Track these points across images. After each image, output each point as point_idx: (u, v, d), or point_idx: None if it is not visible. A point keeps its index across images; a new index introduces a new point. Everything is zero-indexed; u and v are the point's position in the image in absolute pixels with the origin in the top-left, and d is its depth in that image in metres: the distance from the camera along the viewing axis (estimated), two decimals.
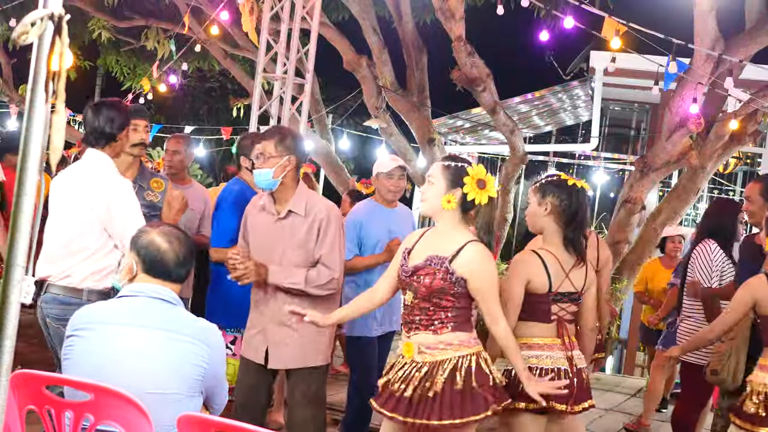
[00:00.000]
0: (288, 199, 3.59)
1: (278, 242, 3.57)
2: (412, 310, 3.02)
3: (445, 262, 2.94)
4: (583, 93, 12.17)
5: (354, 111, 12.91)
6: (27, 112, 1.46)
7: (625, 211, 7.66)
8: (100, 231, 3.45)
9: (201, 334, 2.56)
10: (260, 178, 3.56)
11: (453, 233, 3.02)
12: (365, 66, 9.17)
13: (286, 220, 3.57)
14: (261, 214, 3.65)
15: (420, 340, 3.00)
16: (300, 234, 3.56)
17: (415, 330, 3.02)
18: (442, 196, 3.00)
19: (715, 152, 7.44)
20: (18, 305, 1.48)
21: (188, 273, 2.67)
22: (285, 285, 3.52)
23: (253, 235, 3.68)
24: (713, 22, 6.47)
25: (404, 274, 3.04)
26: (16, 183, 1.46)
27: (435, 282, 2.94)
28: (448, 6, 7.61)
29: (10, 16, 10.34)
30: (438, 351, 2.97)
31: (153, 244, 2.60)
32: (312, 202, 3.62)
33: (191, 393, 2.53)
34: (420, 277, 2.97)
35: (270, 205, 3.62)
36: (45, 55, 1.44)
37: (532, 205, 3.34)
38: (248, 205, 3.79)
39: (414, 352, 3.00)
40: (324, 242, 3.56)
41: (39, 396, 2.38)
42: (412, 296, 3.02)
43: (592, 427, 6.19)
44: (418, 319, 3.01)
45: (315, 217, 3.56)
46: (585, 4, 6.08)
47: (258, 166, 3.56)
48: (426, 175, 3.10)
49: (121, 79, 14.11)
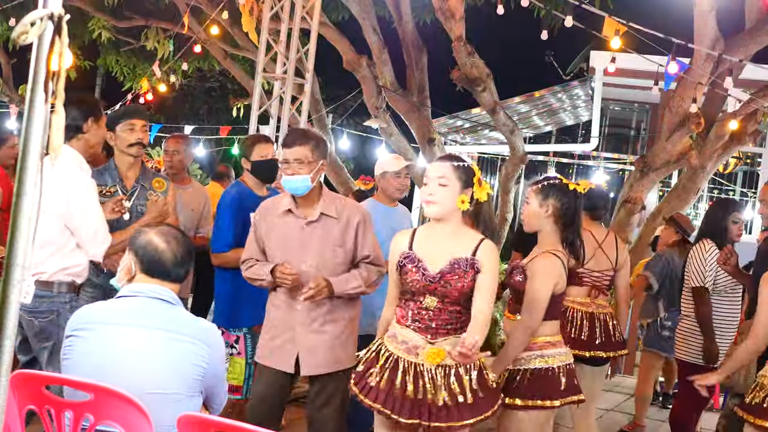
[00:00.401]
0: (315, 203, 3.58)
1: (311, 245, 3.55)
2: (439, 314, 2.98)
3: (475, 262, 2.96)
4: (583, 93, 12.17)
5: (354, 111, 12.92)
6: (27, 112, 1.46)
7: (625, 211, 7.65)
8: (62, 227, 3.44)
9: (201, 333, 2.56)
10: (297, 185, 3.50)
11: (464, 233, 3.05)
12: (365, 66, 9.17)
13: (318, 222, 3.56)
14: (285, 219, 3.59)
15: (452, 345, 2.95)
16: (334, 235, 3.57)
17: (443, 335, 2.99)
18: (457, 196, 2.99)
19: (715, 152, 7.44)
20: (18, 305, 1.48)
21: (187, 273, 2.67)
22: (349, 292, 3.53)
23: (278, 241, 3.59)
24: (713, 22, 6.47)
25: (428, 280, 2.98)
26: (16, 183, 1.46)
27: (467, 284, 2.95)
28: (448, 6, 7.60)
29: (10, 16, 10.34)
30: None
31: (151, 244, 2.60)
32: (341, 204, 3.66)
33: (191, 393, 2.53)
34: (449, 282, 2.96)
35: (296, 210, 3.58)
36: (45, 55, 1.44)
37: (532, 206, 3.39)
38: (260, 213, 3.68)
39: (446, 357, 2.96)
40: (366, 242, 3.62)
41: (39, 396, 2.39)
42: (436, 301, 2.98)
43: None
44: (445, 325, 2.99)
45: (350, 219, 3.59)
46: (585, 4, 6.08)
47: (293, 172, 3.48)
48: (431, 175, 3.03)
49: (121, 79, 14.10)
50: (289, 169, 3.50)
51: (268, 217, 3.64)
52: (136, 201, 4.00)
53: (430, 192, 3.02)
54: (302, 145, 3.52)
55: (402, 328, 3.06)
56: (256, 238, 3.66)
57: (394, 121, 9.61)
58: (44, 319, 3.39)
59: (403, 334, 3.05)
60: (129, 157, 4.04)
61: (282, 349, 3.57)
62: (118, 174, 4.04)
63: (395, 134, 9.60)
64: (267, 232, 3.62)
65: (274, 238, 3.60)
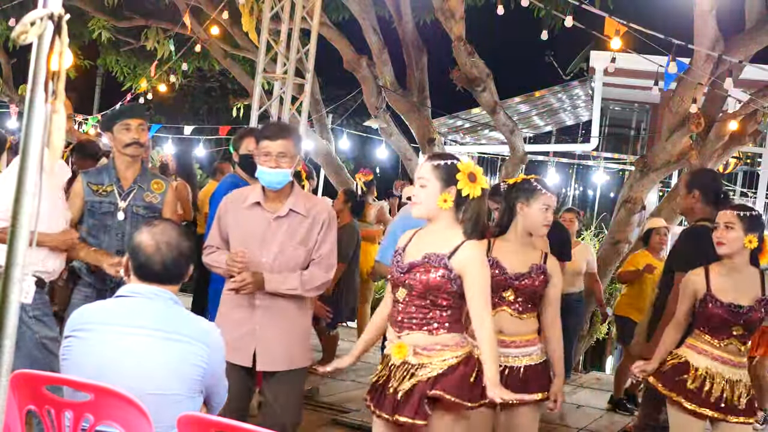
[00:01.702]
0: (285, 198, 3.54)
1: (275, 240, 3.51)
2: (405, 307, 2.98)
3: (444, 258, 2.93)
4: (583, 93, 12.17)
5: (354, 111, 12.92)
6: (27, 112, 1.46)
7: (625, 211, 7.66)
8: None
9: (200, 333, 2.55)
10: (279, 178, 3.47)
11: (449, 231, 3.01)
12: (365, 66, 9.17)
13: (286, 218, 3.53)
14: (252, 212, 3.55)
15: (414, 341, 2.96)
16: (300, 233, 3.53)
17: (407, 330, 2.97)
18: (438, 196, 2.98)
19: (715, 152, 7.43)
20: (18, 305, 1.48)
21: (182, 273, 2.60)
22: (281, 291, 3.48)
23: (241, 232, 3.55)
24: (713, 22, 6.47)
25: (399, 270, 3.00)
26: (16, 183, 1.46)
27: (432, 279, 2.92)
28: (448, 6, 7.61)
29: (10, 16, 10.34)
30: (435, 352, 2.94)
31: (140, 247, 2.56)
32: (311, 202, 3.63)
33: (191, 393, 2.52)
34: (416, 274, 2.94)
35: (264, 203, 3.54)
36: (45, 55, 1.44)
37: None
38: (226, 204, 3.64)
39: (408, 353, 2.96)
40: (325, 243, 3.55)
41: (39, 396, 2.38)
42: (405, 293, 2.97)
43: (592, 427, 6.20)
44: (411, 318, 2.97)
45: (317, 217, 3.55)
46: (585, 4, 6.08)
47: (276, 165, 3.45)
48: (416, 177, 3.04)
49: (121, 79, 14.12)
50: (270, 161, 3.45)
51: (234, 208, 3.59)
52: (132, 202, 3.98)
53: (414, 193, 3.05)
54: (286, 138, 3.49)
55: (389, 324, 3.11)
56: (219, 228, 3.61)
57: (394, 121, 9.62)
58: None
59: (389, 330, 3.10)
60: (126, 157, 4.00)
61: (241, 342, 3.50)
62: (115, 174, 4.01)
63: (395, 134, 9.61)
64: (232, 223, 3.58)
65: (239, 230, 3.56)
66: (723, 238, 3.59)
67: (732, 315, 3.58)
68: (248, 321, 3.54)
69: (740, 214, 3.60)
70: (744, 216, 3.59)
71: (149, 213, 3.96)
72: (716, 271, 3.66)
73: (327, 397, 6.02)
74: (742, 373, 3.64)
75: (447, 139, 12.84)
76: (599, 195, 14.81)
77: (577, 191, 15.65)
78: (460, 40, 7.60)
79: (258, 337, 3.52)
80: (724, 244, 3.59)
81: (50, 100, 1.45)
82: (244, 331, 3.53)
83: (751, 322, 3.60)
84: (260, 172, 3.49)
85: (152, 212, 3.98)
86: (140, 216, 3.95)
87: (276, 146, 3.45)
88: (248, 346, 3.53)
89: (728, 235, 3.58)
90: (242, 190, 3.73)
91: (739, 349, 3.63)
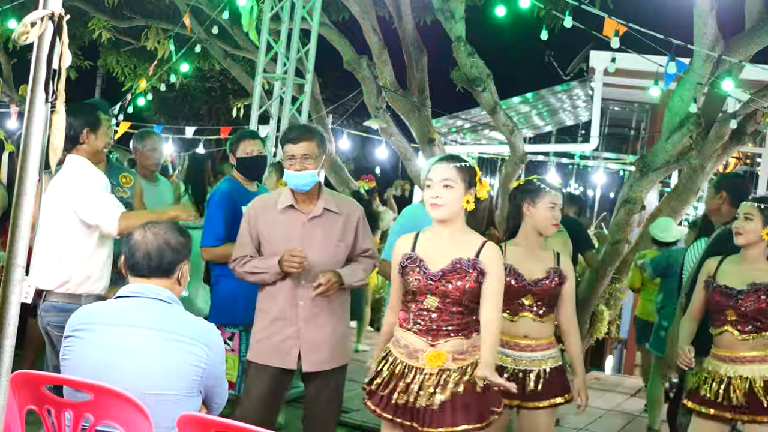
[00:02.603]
0: (315, 198, 3.59)
1: (313, 241, 3.55)
2: (441, 315, 2.96)
3: (477, 262, 2.94)
4: (583, 93, 12.16)
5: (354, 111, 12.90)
6: (27, 112, 1.46)
7: (625, 211, 7.64)
8: (83, 233, 3.46)
9: (199, 334, 2.55)
10: (306, 180, 3.51)
11: (467, 234, 3.03)
12: (365, 66, 9.17)
13: (321, 218, 3.57)
14: (286, 215, 3.58)
15: (453, 347, 2.95)
16: (337, 230, 3.59)
17: (444, 337, 2.96)
18: (463, 198, 2.98)
19: (715, 152, 7.42)
20: (18, 305, 1.48)
21: (172, 263, 2.60)
22: (354, 284, 3.57)
23: (279, 237, 3.56)
24: (713, 22, 6.47)
25: (428, 279, 2.96)
26: (16, 183, 1.46)
27: (469, 284, 2.93)
28: (448, 6, 7.61)
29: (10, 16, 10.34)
30: (469, 355, 2.97)
31: (129, 242, 2.62)
32: (341, 200, 3.73)
33: (190, 393, 2.52)
34: (449, 281, 2.94)
35: (296, 204, 3.58)
36: (45, 55, 1.44)
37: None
38: (255, 209, 3.65)
39: (447, 360, 2.94)
40: (367, 237, 3.70)
41: (39, 396, 2.39)
42: (437, 301, 2.96)
43: (592, 427, 6.20)
44: (447, 326, 2.95)
45: (351, 214, 3.64)
46: (585, 4, 6.08)
47: (301, 167, 3.49)
48: (435, 178, 3.00)
49: (122, 79, 14.10)
50: (296, 164, 3.49)
51: (266, 214, 3.61)
52: None
53: (435, 195, 2.98)
54: (309, 140, 3.53)
55: (404, 332, 3.04)
56: (250, 235, 3.62)
57: (394, 121, 9.61)
58: None
59: (405, 338, 3.03)
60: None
61: (284, 346, 3.54)
62: None
63: (395, 134, 9.60)
64: (265, 228, 3.59)
65: (275, 235, 3.57)
66: (741, 229, 3.63)
67: (724, 297, 3.60)
68: (292, 323, 3.55)
69: (761, 206, 3.61)
70: (764, 208, 3.60)
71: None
72: (730, 261, 3.70)
73: None
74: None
75: (447, 139, 12.83)
76: (599, 195, 14.80)
77: (577, 191, 15.63)
78: (460, 40, 7.59)
79: (303, 338, 3.53)
80: (741, 234, 3.62)
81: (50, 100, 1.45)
82: (287, 333, 3.55)
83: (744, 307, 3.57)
84: (287, 175, 3.53)
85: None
86: None
87: (299, 149, 3.50)
88: (292, 348, 3.55)
89: (746, 226, 3.61)
90: (265, 195, 3.78)
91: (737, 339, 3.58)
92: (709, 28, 6.46)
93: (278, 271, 3.49)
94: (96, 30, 12.21)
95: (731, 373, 3.58)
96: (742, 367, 3.56)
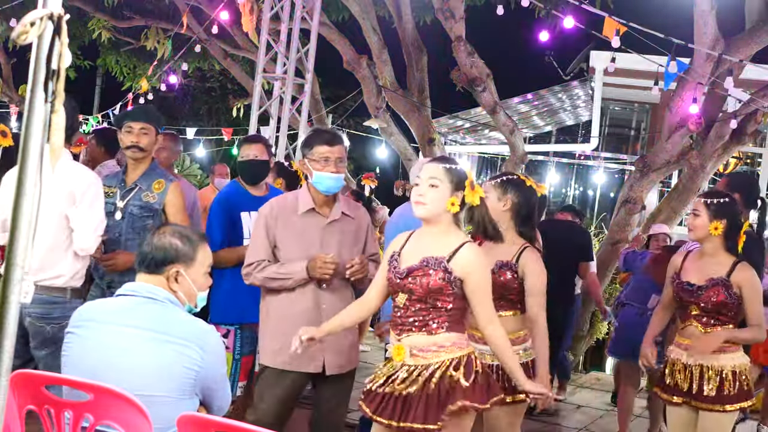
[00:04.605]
0: (333, 202, 3.63)
1: (333, 243, 3.57)
2: (406, 312, 2.99)
3: (443, 261, 2.93)
4: (583, 93, 12.17)
5: (354, 111, 12.91)
6: (26, 112, 1.46)
7: (625, 211, 7.65)
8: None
9: (194, 336, 2.52)
10: (340, 183, 3.58)
11: (448, 235, 3.01)
12: (365, 66, 9.18)
13: (338, 222, 3.61)
14: (305, 218, 3.57)
15: (413, 342, 2.97)
16: (351, 234, 3.65)
17: (407, 332, 2.98)
18: (447, 199, 2.98)
19: (715, 152, 7.43)
20: (18, 305, 1.48)
21: (153, 264, 2.60)
22: (370, 278, 3.56)
23: (297, 240, 3.55)
24: (713, 22, 6.47)
25: (397, 276, 3.00)
26: (16, 183, 1.46)
27: (432, 282, 2.92)
28: (448, 6, 7.61)
29: (10, 16, 10.35)
30: (431, 353, 2.94)
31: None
32: (352, 205, 3.80)
33: (182, 396, 2.49)
34: (415, 278, 2.95)
35: (316, 208, 3.59)
36: (44, 55, 1.44)
37: (491, 200, 3.43)
38: (272, 212, 3.60)
39: (405, 355, 2.97)
40: (374, 242, 3.77)
41: (39, 396, 2.39)
42: (405, 298, 2.98)
43: (593, 427, 6.20)
44: (412, 321, 2.97)
45: (362, 219, 3.72)
46: (585, 4, 6.08)
47: (337, 170, 3.54)
48: (423, 176, 3.01)
49: (121, 79, 14.12)
50: (331, 167, 3.53)
51: (284, 216, 3.58)
52: (130, 201, 3.99)
53: (420, 192, 3.00)
54: (341, 143, 3.61)
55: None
56: (267, 239, 3.58)
57: (394, 121, 9.62)
58: (56, 325, 3.38)
59: (391, 334, 3.11)
60: (130, 159, 4.06)
61: (309, 350, 3.43)
62: (123, 174, 4.09)
63: (395, 134, 9.61)
64: (284, 232, 3.57)
65: (293, 238, 3.56)
66: (690, 225, 3.77)
67: (686, 293, 3.72)
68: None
69: (707, 201, 3.72)
70: (710, 203, 3.70)
71: (144, 213, 3.97)
72: (691, 257, 3.83)
73: None
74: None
75: (447, 139, 12.84)
76: (599, 195, 14.81)
77: (577, 191, 15.64)
78: (460, 40, 7.60)
79: (328, 342, 3.48)
80: (691, 230, 3.76)
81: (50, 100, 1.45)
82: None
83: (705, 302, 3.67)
84: (321, 177, 3.53)
85: (147, 212, 3.98)
86: (135, 216, 3.96)
87: (336, 151, 3.55)
88: (317, 353, 3.53)
89: (694, 222, 3.73)
90: (281, 199, 3.73)
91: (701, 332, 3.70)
92: (709, 27, 6.47)
93: (304, 276, 3.48)
94: (96, 30, 12.22)
95: (692, 362, 3.70)
96: (708, 357, 3.67)
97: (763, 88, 7.11)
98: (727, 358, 3.67)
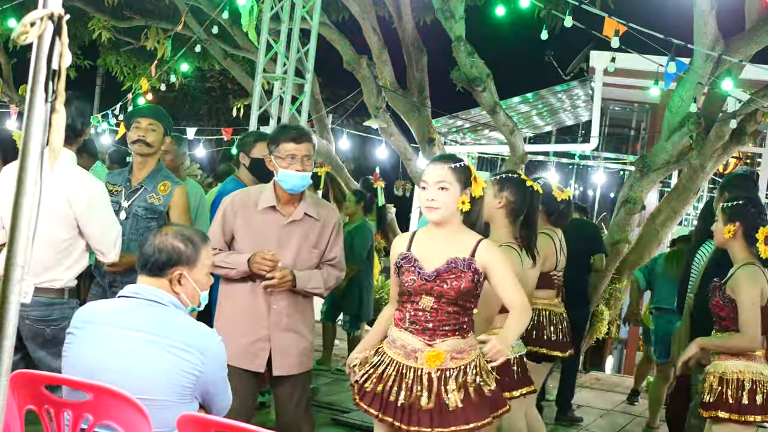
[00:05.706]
0: (298, 201, 3.55)
1: (290, 243, 3.51)
2: (437, 315, 2.94)
3: (471, 262, 2.93)
4: (583, 93, 12.16)
5: (354, 111, 12.90)
6: (27, 112, 1.46)
7: (625, 211, 7.65)
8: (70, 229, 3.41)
9: (195, 340, 2.51)
10: (305, 181, 3.50)
11: (462, 233, 3.01)
12: (365, 66, 9.17)
13: (300, 222, 3.54)
14: (265, 215, 3.53)
15: (451, 347, 2.94)
16: (313, 236, 3.57)
17: (442, 337, 2.94)
18: (458, 199, 2.96)
19: (715, 152, 7.42)
20: (18, 305, 1.48)
21: (156, 266, 2.58)
22: (307, 289, 3.52)
23: (254, 236, 3.52)
24: (713, 22, 6.47)
25: (423, 279, 2.94)
26: (16, 183, 1.46)
27: (464, 284, 2.91)
28: (448, 6, 7.61)
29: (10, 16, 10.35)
30: (466, 354, 2.96)
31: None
32: (321, 205, 3.68)
33: (181, 400, 2.48)
34: (445, 281, 2.92)
35: (278, 206, 3.53)
36: (45, 55, 1.44)
37: (487, 196, 3.40)
38: (233, 204, 3.58)
39: (446, 359, 2.93)
40: (338, 245, 3.64)
41: (39, 396, 2.38)
42: (432, 301, 2.93)
43: (592, 427, 6.20)
44: (443, 326, 2.94)
45: (327, 221, 3.61)
46: (585, 4, 6.08)
47: (303, 168, 3.46)
48: (430, 180, 2.97)
49: (121, 79, 14.11)
50: (297, 164, 3.45)
51: (243, 211, 3.55)
52: (135, 202, 3.98)
53: (431, 197, 2.95)
54: (309, 141, 3.52)
55: (400, 332, 3.01)
56: (222, 229, 3.56)
57: (394, 121, 9.61)
58: (56, 327, 3.37)
59: (401, 338, 3.00)
60: (137, 156, 4.04)
61: (252, 348, 3.48)
62: (129, 174, 4.06)
63: (395, 134, 9.60)
64: (242, 226, 3.54)
65: (250, 233, 3.53)
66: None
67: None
68: (263, 326, 3.51)
69: (724, 206, 3.66)
70: (726, 207, 3.64)
71: (148, 215, 3.96)
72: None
73: (327, 397, 6.03)
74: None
75: (447, 139, 12.82)
76: (599, 195, 14.80)
77: (577, 191, 15.63)
78: (460, 40, 7.60)
79: (274, 342, 3.50)
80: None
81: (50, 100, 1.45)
82: (258, 336, 3.51)
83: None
84: (286, 175, 3.46)
85: (152, 214, 3.96)
86: (139, 217, 3.95)
87: (302, 149, 3.47)
88: (262, 352, 3.51)
89: (714, 227, 3.71)
90: (247, 191, 3.69)
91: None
92: (709, 28, 6.46)
93: (246, 269, 3.45)
94: (96, 30, 12.22)
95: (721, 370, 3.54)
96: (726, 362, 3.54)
97: (763, 88, 7.11)
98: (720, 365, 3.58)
